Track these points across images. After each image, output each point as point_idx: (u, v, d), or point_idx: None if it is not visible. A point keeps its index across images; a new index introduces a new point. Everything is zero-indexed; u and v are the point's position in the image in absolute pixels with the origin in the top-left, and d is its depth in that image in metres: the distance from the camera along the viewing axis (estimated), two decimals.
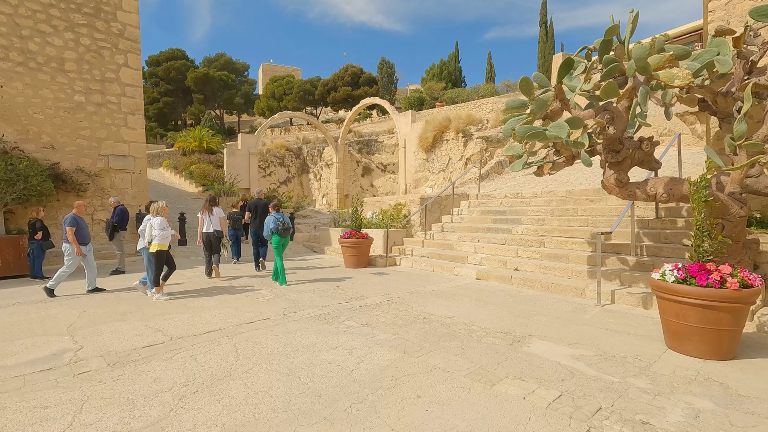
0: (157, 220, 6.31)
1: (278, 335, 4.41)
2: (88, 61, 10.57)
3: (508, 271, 7.44)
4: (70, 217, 6.62)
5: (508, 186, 12.84)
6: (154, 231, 6.25)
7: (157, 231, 6.23)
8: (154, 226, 6.28)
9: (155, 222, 6.29)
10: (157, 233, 6.23)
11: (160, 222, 6.29)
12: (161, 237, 6.26)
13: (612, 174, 5.06)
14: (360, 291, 6.68)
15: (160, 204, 6.48)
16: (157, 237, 6.24)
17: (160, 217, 6.34)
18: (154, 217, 6.34)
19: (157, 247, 6.25)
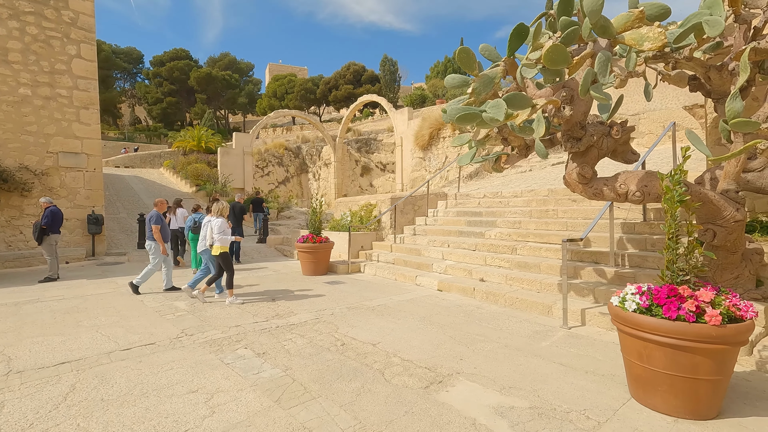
0: (218, 221, 6.03)
1: (141, 369, 3.53)
2: (35, 51, 9.87)
3: (472, 282, 6.47)
4: (155, 215, 6.61)
5: (494, 184, 11.82)
6: (215, 233, 6.00)
7: (217, 233, 5.98)
8: (214, 228, 6.02)
9: (216, 224, 6.02)
10: (218, 235, 5.98)
11: (221, 223, 6.02)
12: (221, 239, 5.99)
13: (574, 167, 4.06)
14: (294, 306, 5.78)
15: (221, 204, 6.19)
16: (218, 239, 5.98)
17: (221, 218, 6.08)
18: (216, 218, 6.08)
19: (219, 249, 6.01)
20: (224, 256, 6.07)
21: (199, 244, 6.36)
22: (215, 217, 6.11)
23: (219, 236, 5.97)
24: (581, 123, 3.84)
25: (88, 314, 5.37)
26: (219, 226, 6.00)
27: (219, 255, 6.04)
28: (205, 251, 6.30)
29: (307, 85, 53.63)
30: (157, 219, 6.68)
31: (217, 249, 6.02)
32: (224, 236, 6.01)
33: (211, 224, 6.09)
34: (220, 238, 5.97)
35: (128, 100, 64.53)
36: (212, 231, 6.04)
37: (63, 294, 6.58)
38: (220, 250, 6.02)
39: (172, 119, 58.68)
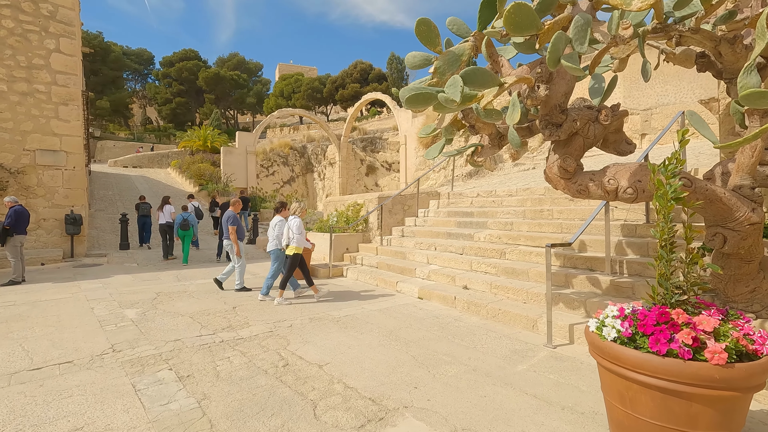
0: (296, 222, 5.93)
1: (36, 397, 3.00)
2: (11, 45, 9.53)
3: (455, 290, 5.84)
4: (232, 216, 6.55)
5: (492, 183, 11.14)
6: (293, 233, 5.88)
7: (296, 234, 5.86)
8: (292, 228, 5.91)
9: (294, 224, 5.92)
10: (296, 236, 5.86)
11: (299, 224, 5.92)
12: (299, 239, 5.88)
13: (555, 160, 3.42)
14: (253, 315, 5.23)
15: (299, 205, 6.18)
16: (296, 239, 5.87)
17: (299, 219, 5.99)
18: (294, 218, 5.98)
19: (294, 250, 5.93)
20: (295, 258, 6.00)
21: (270, 243, 6.22)
22: (293, 217, 6.00)
23: (298, 237, 5.85)
24: (561, 106, 3.20)
25: (25, 323, 4.91)
26: (298, 226, 5.89)
27: (292, 255, 5.95)
28: (274, 251, 6.18)
29: (314, 84, 53.32)
30: (234, 220, 6.62)
31: (292, 249, 5.93)
32: (302, 237, 5.90)
33: (289, 224, 5.96)
34: (298, 239, 5.85)
35: (139, 101, 65.13)
36: (290, 231, 5.91)
37: (16, 299, 6.16)
38: (294, 251, 5.93)
39: (181, 119, 58.93)
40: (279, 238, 6.12)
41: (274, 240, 6.16)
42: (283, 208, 6.30)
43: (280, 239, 6.11)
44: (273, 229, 6.18)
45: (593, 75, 3.92)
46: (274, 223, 6.19)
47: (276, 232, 6.14)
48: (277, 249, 6.16)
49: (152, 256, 10.44)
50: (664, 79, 13.17)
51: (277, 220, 6.20)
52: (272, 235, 6.19)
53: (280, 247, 6.12)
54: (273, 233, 6.17)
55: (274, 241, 6.15)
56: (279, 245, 6.13)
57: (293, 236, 5.89)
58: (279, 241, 6.12)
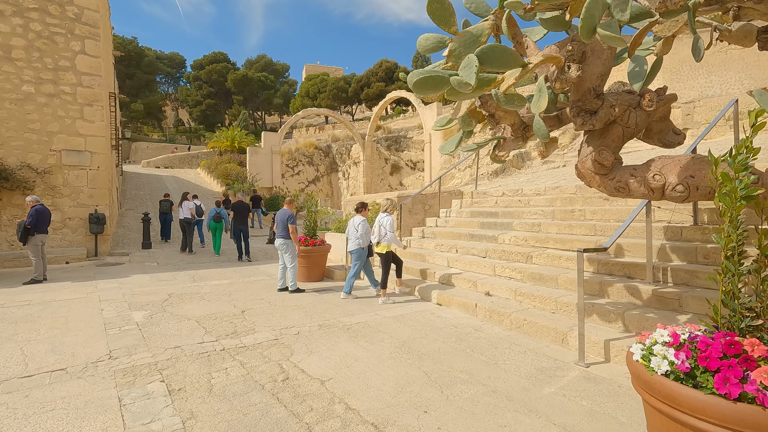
0: (388, 219, 5.88)
1: (17, 410, 2.81)
2: (39, 48, 9.73)
3: (476, 296, 5.42)
4: (291, 215, 6.60)
5: (519, 182, 10.56)
6: (386, 230, 5.83)
7: (389, 231, 5.81)
8: (385, 225, 5.84)
9: (386, 222, 5.86)
10: (389, 233, 5.82)
11: (391, 222, 5.88)
12: (392, 237, 5.84)
13: (589, 153, 2.97)
14: (260, 321, 4.98)
15: (389, 202, 6.14)
16: (388, 237, 5.83)
17: (391, 217, 5.94)
18: (385, 215, 5.95)
19: (386, 248, 5.89)
20: (388, 256, 5.94)
21: (351, 243, 6.19)
22: (385, 214, 5.96)
23: (390, 234, 5.80)
24: (596, 90, 2.74)
25: (33, 325, 4.83)
26: (391, 224, 5.85)
27: (384, 254, 5.90)
28: (356, 251, 6.12)
29: (340, 83, 53.40)
30: (294, 219, 6.60)
31: (384, 247, 5.89)
32: (393, 235, 5.84)
33: (380, 221, 5.91)
34: (390, 237, 5.81)
35: (171, 103, 67.16)
36: (381, 228, 5.89)
37: (32, 299, 6.16)
38: (386, 248, 5.89)
39: (211, 121, 60.33)
40: (363, 237, 6.09)
41: (356, 239, 6.12)
42: (363, 209, 6.30)
43: (364, 238, 6.09)
44: (356, 229, 6.14)
45: (633, 57, 3.43)
46: (357, 223, 6.14)
47: (360, 231, 6.10)
48: (359, 248, 6.11)
49: (173, 256, 10.46)
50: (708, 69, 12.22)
51: (360, 219, 6.16)
52: (354, 235, 6.15)
53: (363, 246, 6.10)
54: (355, 233, 6.13)
55: (357, 240, 6.11)
56: (361, 244, 6.09)
57: (385, 233, 5.84)
58: (363, 239, 6.09)
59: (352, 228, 6.22)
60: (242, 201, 10.38)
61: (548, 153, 4.15)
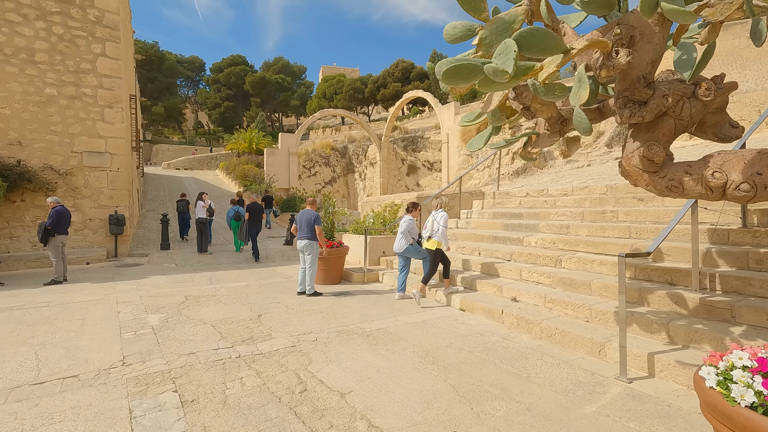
0: (444, 216, 5.82)
1: (25, 420, 2.69)
2: (61, 51, 9.84)
3: (502, 302, 5.14)
4: (317, 216, 6.53)
5: (542, 182, 10.19)
6: (440, 225, 5.74)
7: (443, 227, 5.72)
8: (439, 221, 5.76)
9: (442, 218, 5.79)
10: (442, 228, 5.72)
11: (446, 218, 5.82)
12: (444, 234, 5.75)
13: (636, 149, 2.69)
14: (277, 326, 4.81)
15: (443, 199, 6.13)
16: (440, 233, 5.73)
17: (446, 214, 5.89)
18: (440, 212, 5.88)
19: (437, 245, 5.78)
20: (439, 253, 5.84)
21: (399, 242, 6.14)
22: (441, 210, 5.91)
23: (443, 230, 5.73)
24: (646, 78, 2.47)
25: (50, 327, 4.77)
26: (445, 220, 5.79)
27: (436, 250, 5.80)
28: (409, 249, 6.10)
29: (356, 84, 53.41)
30: (319, 219, 6.55)
31: (435, 243, 5.78)
32: (445, 232, 5.79)
33: (435, 218, 5.85)
34: (443, 233, 5.73)
35: (191, 106, 68.34)
36: (434, 224, 5.80)
37: (51, 300, 6.14)
38: (437, 245, 5.78)
39: (229, 123, 61.08)
40: (405, 234, 6.08)
41: (402, 239, 6.12)
42: (414, 209, 6.30)
43: (406, 235, 6.07)
44: (407, 223, 6.13)
45: (679, 45, 3.13)
46: (403, 222, 6.17)
47: (403, 227, 6.11)
48: (409, 245, 6.10)
49: (190, 257, 10.45)
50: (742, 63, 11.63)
51: (408, 218, 6.17)
52: (408, 230, 6.11)
53: (409, 243, 6.09)
54: (408, 226, 6.12)
55: (402, 240, 6.11)
56: (408, 243, 6.09)
57: (438, 228, 5.76)
58: (405, 237, 6.08)
59: (399, 227, 6.30)
60: (256, 202, 10.61)
61: (570, 152, 3.87)
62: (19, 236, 9.30)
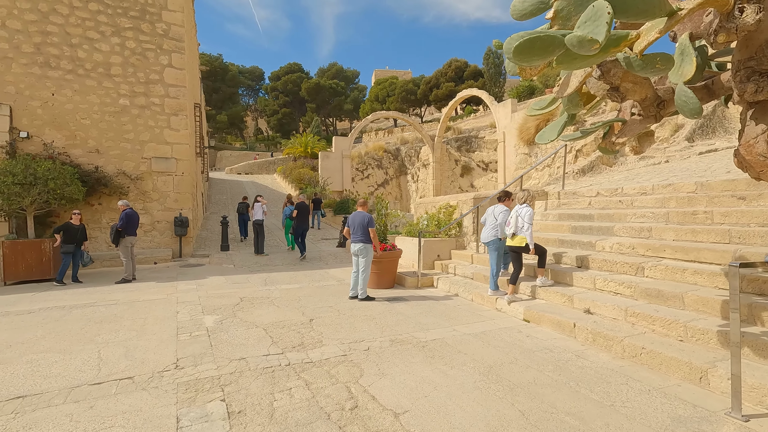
0: (528, 212, 5.41)
1: (78, 423, 2.67)
2: (133, 64, 10.51)
3: (573, 314, 4.60)
4: (370, 218, 6.36)
5: (613, 180, 9.29)
6: (524, 222, 5.36)
7: (528, 223, 5.34)
8: (524, 217, 5.39)
9: (526, 213, 5.40)
10: (527, 225, 5.33)
11: (531, 215, 5.41)
12: (530, 231, 5.36)
13: (762, 133, 2.15)
14: (328, 332, 4.64)
15: (526, 193, 5.62)
16: (526, 229, 5.34)
17: (531, 209, 5.47)
18: (524, 207, 5.47)
19: (523, 241, 5.41)
20: (525, 250, 5.46)
21: (487, 232, 5.89)
22: (525, 206, 5.49)
23: (529, 227, 5.33)
24: None
25: (114, 325, 4.95)
26: (530, 216, 5.39)
27: (523, 248, 5.44)
28: (493, 242, 5.78)
29: (408, 86, 53.23)
30: (373, 221, 6.33)
31: (521, 240, 5.43)
32: (531, 228, 5.37)
33: (519, 213, 5.46)
34: (528, 229, 5.33)
35: (252, 114, 71.84)
36: (518, 220, 5.42)
37: (119, 299, 6.45)
38: (524, 242, 5.42)
39: (286, 128, 63.41)
40: (500, 227, 5.77)
41: (492, 230, 5.84)
42: (507, 198, 5.96)
43: (501, 228, 5.76)
44: (494, 218, 5.85)
45: None
46: (497, 212, 5.85)
47: (499, 219, 5.80)
48: (496, 239, 5.77)
49: (248, 258, 10.71)
50: None
51: (501, 209, 5.85)
52: (491, 224, 5.88)
53: (500, 236, 5.77)
54: (494, 221, 5.86)
55: (492, 231, 5.82)
56: (498, 234, 5.77)
57: (523, 225, 5.38)
58: (499, 230, 5.77)
59: (491, 216, 5.94)
60: (303, 202, 11.31)
61: (643, 149, 3.32)
62: (97, 237, 10.02)
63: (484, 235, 5.99)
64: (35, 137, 9.54)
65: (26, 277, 8.09)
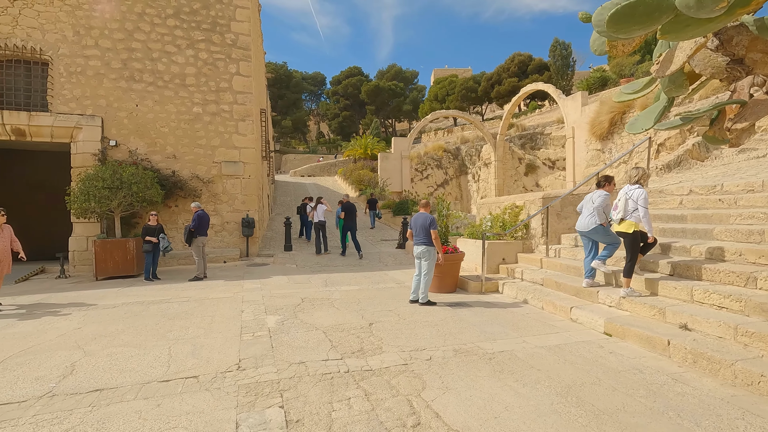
0: (641, 192, 4.77)
1: (146, 421, 2.72)
2: (205, 73, 11.15)
3: (666, 329, 4.03)
4: (432, 218, 6.11)
5: (708, 176, 8.20)
6: (636, 205, 4.75)
7: (643, 206, 4.69)
8: (635, 199, 4.77)
9: (639, 194, 4.76)
10: (642, 209, 4.69)
11: (645, 196, 4.75)
12: (644, 214, 4.68)
13: None
14: (387, 338, 4.46)
15: (639, 171, 4.97)
16: (641, 213, 4.68)
17: (644, 190, 4.81)
18: (636, 189, 4.84)
19: (633, 227, 4.77)
20: (638, 237, 4.81)
21: (585, 220, 5.43)
22: (635, 186, 4.86)
23: (644, 211, 4.67)
24: None
25: (185, 322, 5.16)
26: (644, 198, 4.72)
27: (633, 234, 4.79)
28: (596, 229, 5.30)
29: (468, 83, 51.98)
30: (435, 223, 6.04)
31: (631, 226, 4.77)
32: (647, 211, 4.68)
33: (630, 195, 4.82)
34: (644, 214, 4.66)
35: (314, 118, 74.40)
36: (628, 203, 4.81)
37: (190, 296, 6.79)
38: (634, 228, 4.76)
39: (347, 131, 64.81)
40: (597, 212, 5.26)
41: (590, 217, 5.35)
42: (608, 183, 5.44)
43: (599, 213, 5.26)
44: (593, 203, 5.35)
45: None
46: (595, 197, 5.37)
47: (596, 203, 5.29)
48: (598, 226, 5.27)
49: (309, 258, 10.91)
50: None
51: (603, 194, 5.33)
52: (590, 211, 5.38)
53: (600, 222, 5.26)
54: (591, 205, 5.37)
55: (591, 218, 5.33)
56: (597, 221, 5.27)
57: (635, 208, 4.73)
58: (597, 215, 5.27)
59: (588, 203, 5.47)
60: (350, 202, 11.68)
61: (741, 141, 2.74)
62: (173, 237, 10.72)
63: (581, 223, 5.51)
64: (122, 145, 10.44)
65: (113, 273, 8.85)
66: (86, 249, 9.94)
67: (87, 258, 9.82)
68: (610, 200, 5.34)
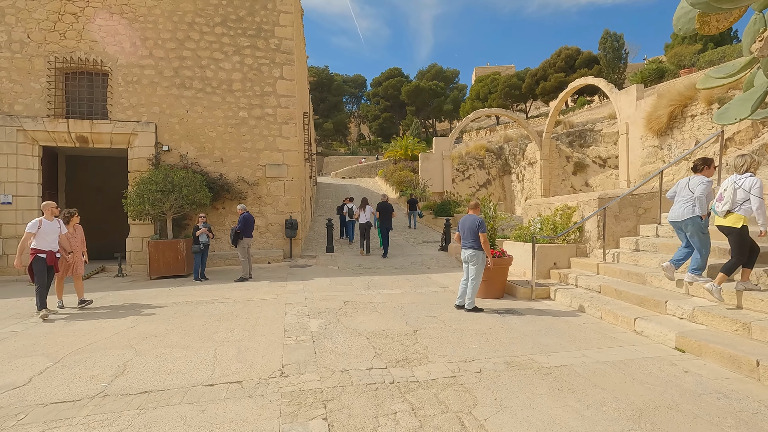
0: (754, 181, 4.11)
1: (189, 426, 2.69)
2: (250, 79, 11.42)
3: (752, 346, 3.55)
4: (481, 221, 5.83)
5: None
6: (748, 195, 4.11)
7: (757, 196, 4.04)
8: (747, 188, 4.13)
9: (751, 184, 4.12)
10: (757, 199, 4.03)
11: (760, 186, 4.09)
12: (760, 206, 4.04)
13: None
14: (434, 346, 4.25)
15: (749, 158, 4.27)
16: (749, 206, 4.10)
17: (758, 179, 4.14)
18: (749, 178, 4.17)
19: (741, 221, 4.17)
20: (746, 232, 4.19)
21: (680, 209, 4.77)
22: (748, 176, 4.20)
23: (758, 202, 4.02)
24: None
25: (231, 324, 5.21)
26: (759, 188, 4.06)
27: (741, 228, 4.17)
28: (692, 220, 4.64)
29: (512, 81, 50.47)
30: (484, 225, 5.75)
31: (739, 220, 4.16)
32: (763, 203, 4.05)
33: (741, 185, 4.18)
34: (758, 205, 4.02)
35: (354, 120, 75.18)
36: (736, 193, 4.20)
37: (236, 296, 6.90)
38: (742, 222, 4.16)
39: (387, 132, 64.93)
40: (698, 201, 4.60)
41: (687, 204, 4.69)
42: (707, 166, 4.74)
43: (700, 203, 4.60)
44: (690, 191, 4.70)
45: None
46: (694, 184, 4.69)
47: (697, 193, 4.61)
48: (696, 217, 4.61)
49: (351, 260, 10.87)
50: None
51: (699, 180, 4.67)
52: (685, 198, 4.75)
53: (699, 213, 4.60)
54: (688, 195, 4.71)
55: (687, 204, 4.69)
56: (696, 211, 4.62)
57: (746, 199, 4.11)
58: (698, 205, 4.61)
59: (684, 190, 4.76)
60: (385, 202, 11.76)
61: None
62: (220, 238, 11.05)
63: (675, 213, 4.82)
64: (174, 150, 10.89)
65: (165, 273, 9.21)
66: (141, 249, 10.44)
67: (142, 258, 10.31)
68: (711, 188, 4.66)
